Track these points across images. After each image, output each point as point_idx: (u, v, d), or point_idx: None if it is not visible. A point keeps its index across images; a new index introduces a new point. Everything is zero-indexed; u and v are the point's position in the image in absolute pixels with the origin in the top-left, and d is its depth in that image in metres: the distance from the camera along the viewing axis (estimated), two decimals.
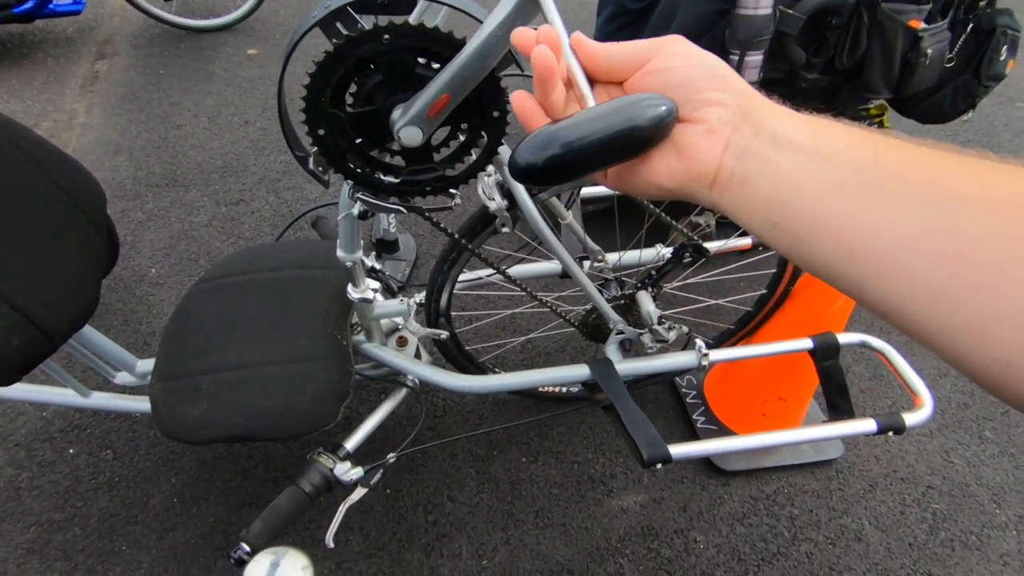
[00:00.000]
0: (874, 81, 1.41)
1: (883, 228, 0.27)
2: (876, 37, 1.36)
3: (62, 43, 2.62)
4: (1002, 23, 1.43)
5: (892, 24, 1.35)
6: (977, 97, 1.51)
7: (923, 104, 1.54)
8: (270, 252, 1.20)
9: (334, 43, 0.59)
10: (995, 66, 1.46)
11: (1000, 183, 0.25)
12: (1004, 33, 1.43)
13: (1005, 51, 1.45)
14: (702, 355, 1.09)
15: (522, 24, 0.56)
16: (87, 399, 1.06)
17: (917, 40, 1.36)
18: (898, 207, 0.27)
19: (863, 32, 1.36)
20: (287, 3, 3.06)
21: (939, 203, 0.26)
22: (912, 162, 0.28)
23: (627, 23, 1.70)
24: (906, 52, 1.38)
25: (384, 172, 0.74)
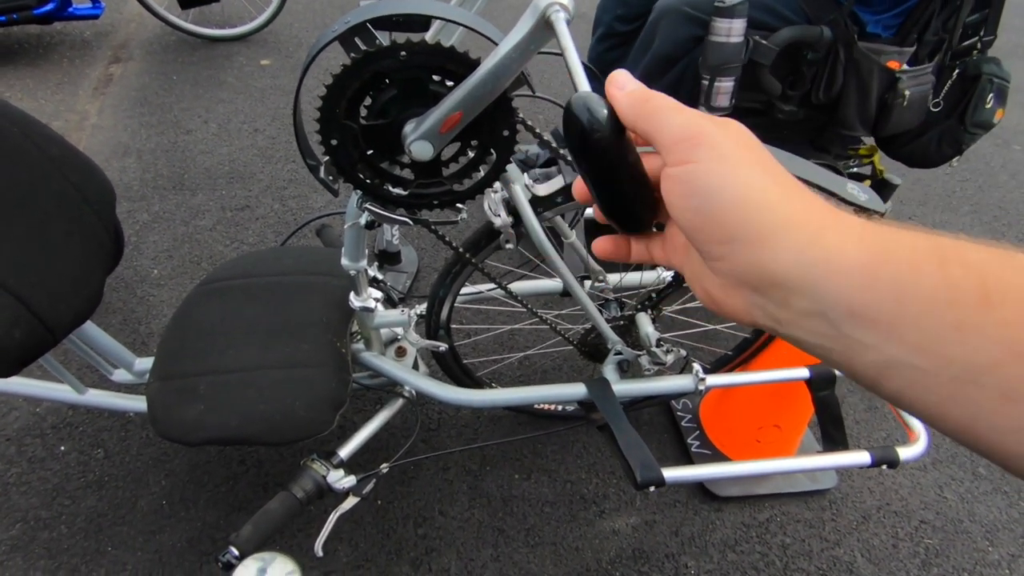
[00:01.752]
0: (849, 118, 1.42)
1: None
2: (852, 75, 1.38)
3: (78, 45, 2.66)
4: (988, 71, 1.43)
5: (868, 63, 1.36)
6: (963, 143, 1.51)
7: (909, 146, 1.55)
8: (273, 257, 1.21)
9: (352, 57, 0.61)
10: (981, 113, 1.46)
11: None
12: (990, 81, 1.43)
13: (992, 99, 1.45)
14: (699, 379, 1.09)
15: (535, 48, 0.57)
16: (83, 396, 1.06)
17: (895, 81, 1.37)
18: None
19: (839, 69, 1.37)
20: (302, 17, 3.12)
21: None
22: None
23: (617, 44, 1.74)
24: (883, 92, 1.39)
25: (393, 184, 0.76)
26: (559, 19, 0.53)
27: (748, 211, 0.25)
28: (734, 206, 0.25)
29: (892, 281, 0.22)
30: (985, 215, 2.50)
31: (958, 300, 0.21)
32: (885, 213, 1.10)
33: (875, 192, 1.00)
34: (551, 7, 0.53)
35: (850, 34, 1.34)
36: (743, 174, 0.25)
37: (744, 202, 0.25)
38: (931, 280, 0.22)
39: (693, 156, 0.26)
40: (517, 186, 0.87)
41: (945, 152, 1.52)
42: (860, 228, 0.24)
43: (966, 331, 0.21)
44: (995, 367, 0.21)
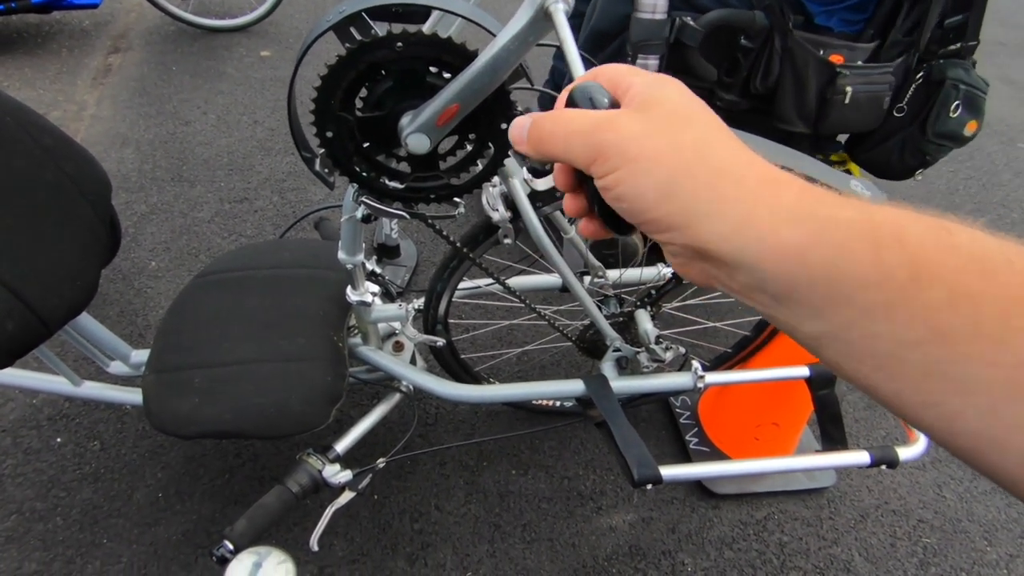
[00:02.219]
0: (786, 111, 1.38)
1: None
2: (788, 65, 1.33)
3: (77, 35, 2.64)
4: (954, 76, 1.34)
5: (804, 54, 1.31)
6: (927, 154, 1.43)
7: (871, 152, 1.49)
8: (271, 249, 1.20)
9: (347, 48, 0.60)
10: (945, 122, 1.37)
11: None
12: (955, 87, 1.34)
13: (958, 108, 1.36)
14: (698, 377, 1.09)
15: (534, 39, 0.56)
16: (79, 388, 1.06)
17: (835, 76, 1.32)
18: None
19: (775, 58, 1.33)
20: (302, 7, 3.09)
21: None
22: None
23: (576, 25, 1.71)
24: (822, 86, 1.34)
25: (389, 177, 0.75)
26: (558, 10, 0.52)
27: (673, 205, 0.26)
28: (658, 204, 0.26)
29: (823, 263, 0.23)
30: (988, 213, 2.49)
31: (888, 280, 0.22)
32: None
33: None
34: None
35: (785, 22, 1.30)
36: (657, 171, 0.26)
37: (666, 199, 0.26)
38: (863, 262, 0.22)
39: (605, 169, 0.27)
40: (515, 180, 0.86)
41: (908, 162, 1.46)
42: (795, 204, 0.24)
43: (894, 310, 0.22)
44: (918, 345, 0.21)
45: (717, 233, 0.25)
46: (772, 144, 0.94)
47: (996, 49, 4.20)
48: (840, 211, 0.24)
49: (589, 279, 1.16)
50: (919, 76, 1.39)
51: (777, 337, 1.25)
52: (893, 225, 0.23)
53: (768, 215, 0.24)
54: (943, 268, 0.21)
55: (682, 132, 0.27)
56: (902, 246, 0.22)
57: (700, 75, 1.39)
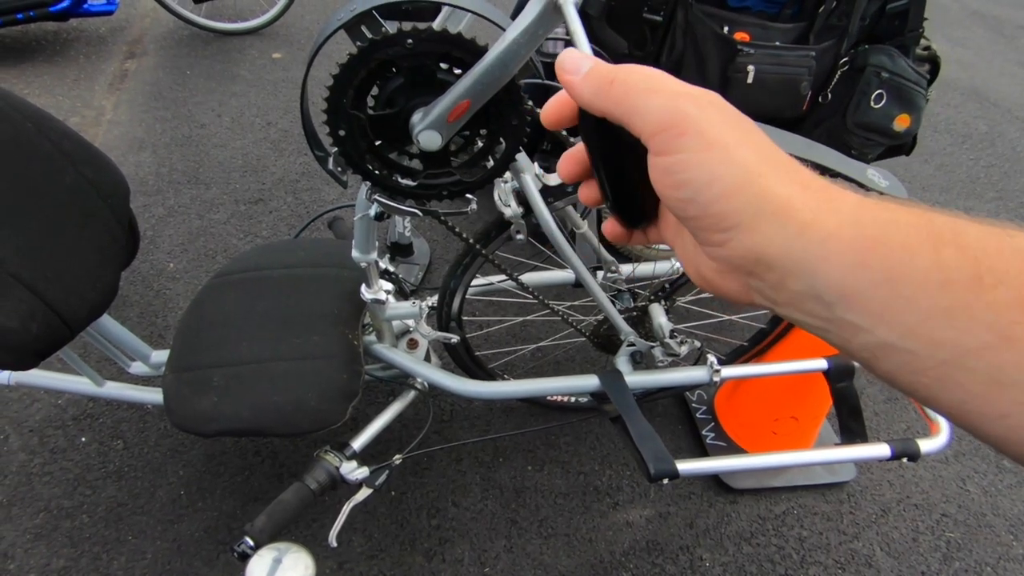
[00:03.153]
0: None
1: None
2: (689, 40, 1.29)
3: (94, 42, 2.68)
4: (875, 62, 1.26)
5: (703, 29, 1.28)
6: (852, 147, 1.34)
7: None
8: (287, 249, 1.22)
9: (358, 46, 0.60)
10: (866, 113, 1.29)
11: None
12: (877, 74, 1.26)
13: (882, 98, 1.27)
14: (714, 371, 1.08)
15: (544, 33, 0.56)
16: (101, 388, 1.08)
17: (735, 53, 1.27)
18: None
19: (678, 32, 1.30)
20: (313, 8, 3.11)
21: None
22: None
23: None
24: (724, 64, 1.29)
25: (401, 175, 0.75)
26: (568, 3, 0.52)
27: (742, 200, 0.24)
28: (727, 196, 0.24)
29: (885, 264, 0.22)
30: (1011, 201, 2.44)
31: (950, 282, 0.21)
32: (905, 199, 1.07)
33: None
34: None
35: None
36: (735, 161, 0.24)
37: (738, 191, 0.24)
38: (924, 263, 0.21)
39: (678, 146, 0.25)
40: (527, 176, 0.86)
41: None
42: (856, 209, 0.24)
43: (957, 314, 0.21)
44: (984, 350, 0.20)
45: (780, 236, 0.24)
46: (784, 133, 0.93)
47: (1017, 33, 4.10)
48: (900, 215, 0.23)
49: (602, 274, 1.16)
50: (844, 62, 1.32)
51: (793, 330, 1.24)
52: (952, 227, 0.22)
53: (833, 218, 0.23)
54: (1007, 269, 0.20)
55: (752, 134, 0.26)
56: (962, 248, 0.21)
57: (609, 46, 1.38)
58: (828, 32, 1.32)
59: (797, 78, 1.32)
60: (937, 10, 3.97)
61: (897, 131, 1.35)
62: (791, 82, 1.33)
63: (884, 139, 1.37)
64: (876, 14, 1.33)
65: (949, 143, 2.76)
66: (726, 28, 1.30)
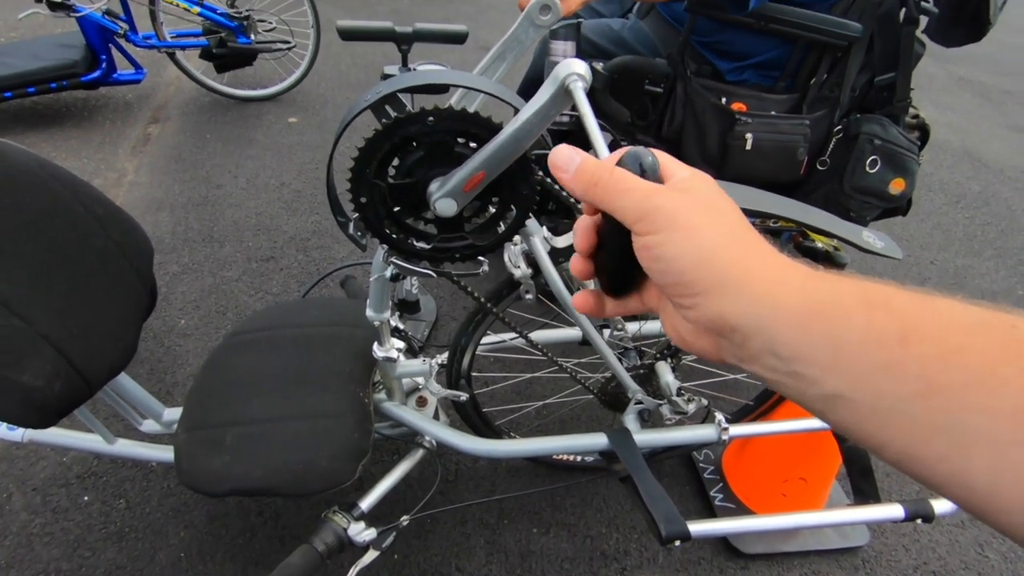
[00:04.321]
0: (691, 154, 1.42)
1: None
2: (689, 110, 1.39)
3: (120, 108, 2.83)
4: (868, 131, 1.35)
5: (702, 101, 1.37)
6: (851, 210, 1.41)
7: None
8: (300, 308, 1.25)
9: (383, 123, 0.65)
10: (862, 177, 1.36)
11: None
12: (870, 142, 1.34)
13: (876, 163, 1.35)
14: (722, 429, 1.08)
15: (556, 113, 0.61)
16: (112, 446, 1.08)
17: (733, 122, 1.35)
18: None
19: (678, 103, 1.40)
20: (328, 76, 3.28)
21: None
22: None
23: None
24: (723, 132, 1.38)
25: (417, 238, 0.79)
26: (577, 88, 0.57)
27: (706, 271, 0.29)
28: (694, 268, 0.29)
29: (826, 327, 0.26)
30: (1009, 259, 2.48)
31: (883, 340, 0.24)
32: (902, 259, 1.10)
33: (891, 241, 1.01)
34: (570, 77, 0.57)
35: (684, 70, 1.38)
36: (701, 240, 0.29)
37: (702, 264, 0.29)
38: (859, 323, 0.25)
39: (652, 229, 0.30)
40: (536, 239, 0.90)
41: None
42: (803, 281, 0.28)
43: (891, 367, 0.24)
44: (917, 398, 0.23)
45: (739, 303, 0.28)
46: (784, 199, 0.97)
47: (1003, 98, 4.27)
48: (839, 284, 0.27)
49: (609, 331, 1.18)
50: (838, 130, 1.40)
51: None
52: (883, 293, 0.26)
53: (783, 289, 0.28)
54: (929, 328, 0.24)
55: (720, 215, 0.31)
56: (891, 310, 0.25)
57: (613, 116, 1.48)
58: (820, 103, 1.40)
59: (793, 145, 1.39)
60: (925, 78, 4.16)
61: (893, 194, 1.41)
62: (788, 149, 1.39)
63: (881, 202, 1.43)
64: (865, 86, 1.41)
65: (944, 203, 2.84)
66: (724, 99, 1.38)
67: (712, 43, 1.42)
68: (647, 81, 1.42)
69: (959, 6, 1.40)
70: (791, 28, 1.28)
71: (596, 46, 1.55)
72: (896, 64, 1.36)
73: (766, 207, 0.90)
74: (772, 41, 1.35)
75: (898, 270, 2.32)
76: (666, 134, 1.44)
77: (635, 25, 1.58)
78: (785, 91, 1.40)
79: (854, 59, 1.34)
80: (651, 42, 1.53)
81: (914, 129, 1.52)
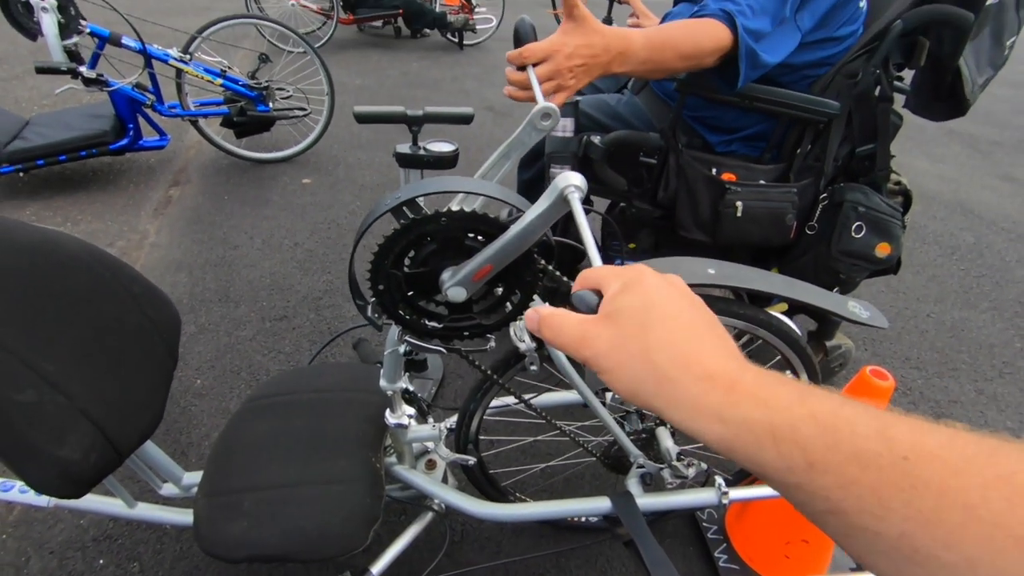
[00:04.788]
0: (685, 221, 1.51)
1: None
2: (682, 180, 1.48)
3: (144, 171, 2.97)
4: (852, 199, 1.43)
5: (694, 171, 1.46)
6: (840, 272, 1.49)
7: (792, 267, 1.56)
8: (315, 373, 1.30)
9: (401, 223, 0.73)
10: (849, 242, 1.44)
11: None
12: (854, 209, 1.43)
13: (862, 230, 1.43)
14: (722, 493, 1.11)
15: (556, 215, 0.69)
16: (133, 510, 1.12)
17: (724, 191, 1.44)
18: None
19: (671, 174, 1.49)
20: (340, 138, 3.44)
21: None
22: None
23: None
24: (714, 200, 1.46)
25: (429, 319, 0.85)
26: (574, 198, 0.64)
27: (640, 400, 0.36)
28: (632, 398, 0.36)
29: (745, 454, 0.32)
30: (1006, 311, 2.52)
31: (792, 469, 0.30)
32: (887, 327, 1.16)
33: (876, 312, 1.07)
34: (568, 188, 0.65)
35: (676, 143, 1.47)
36: (623, 381, 0.36)
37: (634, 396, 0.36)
38: (770, 454, 0.31)
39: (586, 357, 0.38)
40: None
41: (822, 278, 1.50)
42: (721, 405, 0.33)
43: (802, 488, 0.29)
44: (828, 515, 0.29)
45: (679, 420, 0.34)
46: (768, 274, 1.04)
47: (992, 148, 4.40)
48: (752, 412, 0.32)
49: (610, 395, 1.23)
50: (824, 197, 1.50)
51: None
52: (789, 427, 0.30)
53: (705, 412, 0.33)
54: (829, 461, 0.28)
55: (638, 340, 0.36)
56: (796, 442, 0.30)
57: (610, 184, 1.57)
58: (806, 172, 1.49)
59: (782, 211, 1.47)
60: (915, 129, 4.30)
61: (880, 257, 1.48)
62: (777, 215, 1.47)
63: (869, 264, 1.49)
64: (847, 156, 1.51)
65: (938, 255, 2.90)
66: (714, 170, 1.47)
67: (702, 117, 1.52)
68: (642, 153, 1.52)
69: (934, 86, 1.51)
70: (774, 106, 1.38)
71: (594, 120, 1.66)
72: (875, 136, 1.46)
73: (750, 284, 0.97)
74: (757, 117, 1.45)
75: (895, 324, 2.37)
76: (661, 200, 1.53)
77: (630, 100, 1.70)
78: (772, 161, 1.49)
79: (835, 133, 1.44)
80: (645, 116, 1.63)
81: (897, 195, 1.61)
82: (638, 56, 1.08)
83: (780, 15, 1.22)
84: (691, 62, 1.17)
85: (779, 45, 1.25)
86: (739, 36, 1.16)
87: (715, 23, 1.16)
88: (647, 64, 1.11)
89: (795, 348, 1.15)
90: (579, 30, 1.01)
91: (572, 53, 1.00)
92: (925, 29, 1.37)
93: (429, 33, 6.12)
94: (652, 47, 1.10)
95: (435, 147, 1.36)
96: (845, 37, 1.36)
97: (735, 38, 1.16)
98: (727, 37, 1.16)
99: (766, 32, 1.20)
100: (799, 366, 1.17)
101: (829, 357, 1.90)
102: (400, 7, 5.41)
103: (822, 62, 1.39)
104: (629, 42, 1.07)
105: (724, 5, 1.18)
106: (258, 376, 1.85)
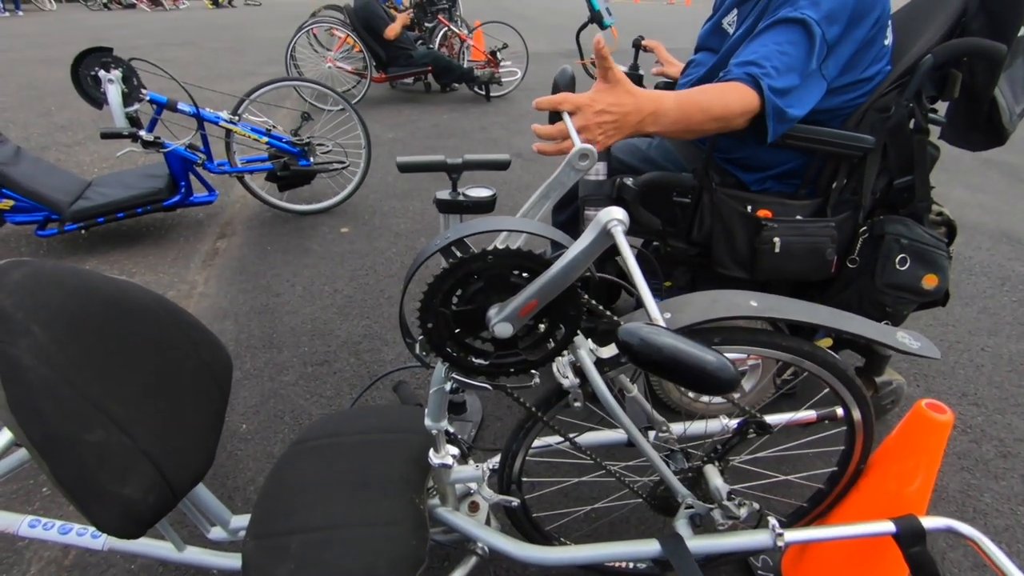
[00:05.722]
0: (722, 258, 1.49)
1: None
2: (717, 218, 1.48)
3: (193, 225, 3.13)
4: (892, 231, 1.42)
5: (728, 209, 1.46)
6: (887, 305, 1.46)
7: (836, 300, 1.53)
8: (358, 416, 1.32)
9: (450, 262, 0.76)
10: (893, 275, 1.42)
11: None
12: (897, 241, 1.41)
13: (906, 261, 1.42)
14: (776, 535, 1.07)
15: (599, 250, 0.70)
16: (182, 553, 1.14)
17: (760, 228, 1.43)
18: None
19: (706, 212, 1.49)
20: (377, 190, 3.58)
21: None
22: None
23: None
24: (751, 237, 1.45)
25: (475, 356, 0.87)
26: (618, 232, 0.66)
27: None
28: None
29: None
30: None
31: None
32: (939, 358, 1.12)
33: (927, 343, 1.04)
34: (611, 222, 0.67)
35: (709, 181, 1.47)
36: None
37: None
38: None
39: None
40: (583, 351, 0.97)
41: (868, 311, 1.47)
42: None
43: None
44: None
45: None
46: (814, 305, 1.02)
47: None
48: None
49: (654, 434, 1.21)
50: (864, 230, 1.48)
51: (853, 491, 1.22)
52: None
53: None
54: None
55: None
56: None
57: (645, 224, 1.58)
58: (843, 205, 1.47)
59: (821, 246, 1.45)
60: (951, 160, 4.24)
61: (927, 289, 1.44)
62: (816, 250, 1.45)
63: (916, 297, 1.46)
64: (885, 188, 1.49)
65: (988, 286, 2.80)
66: (749, 207, 1.47)
67: (734, 159, 1.54)
68: (675, 193, 1.54)
69: (971, 115, 1.50)
70: (808, 144, 1.39)
71: (625, 163, 1.69)
72: (912, 168, 1.45)
73: (794, 315, 0.96)
74: (791, 154, 1.46)
75: (948, 358, 2.27)
76: (696, 238, 1.53)
77: (660, 144, 1.73)
78: (807, 197, 1.48)
79: (871, 166, 1.43)
80: (675, 158, 1.66)
81: (940, 225, 1.58)
82: (669, 117, 1.12)
83: (807, 70, 1.24)
84: (721, 124, 1.20)
85: (805, 97, 1.27)
86: (764, 96, 1.19)
87: (742, 86, 1.20)
88: (678, 124, 1.15)
89: (843, 380, 1.11)
90: (613, 90, 1.05)
91: (603, 110, 1.04)
92: (957, 62, 1.38)
93: (457, 87, 6.39)
94: (683, 109, 1.14)
95: (474, 192, 1.41)
96: (873, 76, 1.37)
97: (762, 99, 1.20)
98: (754, 99, 1.19)
99: (794, 87, 1.23)
100: (850, 401, 1.13)
101: (880, 393, 1.83)
102: (429, 64, 5.68)
103: (852, 103, 1.40)
104: (660, 103, 1.11)
105: (748, 70, 1.21)
106: (301, 420, 1.88)
